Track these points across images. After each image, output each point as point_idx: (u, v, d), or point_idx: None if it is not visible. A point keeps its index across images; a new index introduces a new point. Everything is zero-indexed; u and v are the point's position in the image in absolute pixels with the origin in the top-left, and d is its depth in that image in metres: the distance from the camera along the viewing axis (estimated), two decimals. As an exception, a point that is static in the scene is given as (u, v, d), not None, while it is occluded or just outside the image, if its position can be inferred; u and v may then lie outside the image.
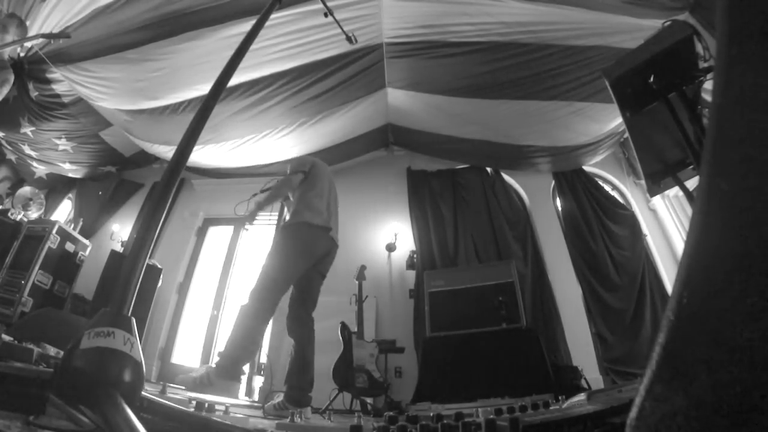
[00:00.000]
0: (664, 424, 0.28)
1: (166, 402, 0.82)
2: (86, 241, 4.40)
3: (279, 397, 2.06)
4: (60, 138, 4.59)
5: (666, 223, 4.55)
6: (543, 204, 4.71)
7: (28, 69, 3.79)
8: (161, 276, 4.08)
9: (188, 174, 5.27)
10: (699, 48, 1.71)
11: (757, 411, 0.25)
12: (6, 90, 3.56)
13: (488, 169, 4.87)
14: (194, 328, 4.47)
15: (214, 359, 2.00)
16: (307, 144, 4.61)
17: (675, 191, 3.26)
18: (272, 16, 1.56)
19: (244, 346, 1.92)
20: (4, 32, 3.16)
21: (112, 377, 0.70)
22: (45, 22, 3.34)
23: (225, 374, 1.86)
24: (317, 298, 2.35)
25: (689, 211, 3.90)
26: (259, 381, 3.80)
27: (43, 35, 3.07)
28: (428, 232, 4.46)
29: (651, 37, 1.86)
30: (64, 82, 3.86)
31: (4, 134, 4.54)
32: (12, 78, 3.59)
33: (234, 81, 3.03)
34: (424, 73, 3.77)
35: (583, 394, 1.66)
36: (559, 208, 4.67)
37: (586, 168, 4.83)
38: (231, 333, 1.96)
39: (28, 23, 3.36)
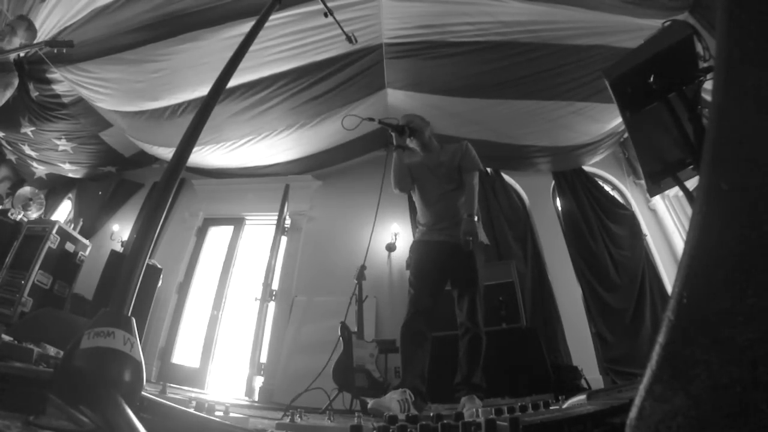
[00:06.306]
0: (664, 424, 0.28)
1: (166, 402, 0.82)
2: (86, 241, 4.40)
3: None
4: (60, 139, 4.59)
5: (666, 223, 4.55)
6: (543, 204, 4.71)
7: (29, 69, 3.78)
8: (161, 276, 4.07)
9: (188, 174, 5.27)
10: (699, 48, 1.71)
11: (757, 411, 0.25)
12: (9, 93, 3.55)
13: (488, 169, 4.87)
14: (194, 328, 4.47)
15: (468, 391, 1.98)
16: (308, 145, 4.61)
17: (675, 191, 3.26)
18: (272, 17, 1.55)
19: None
20: (13, 35, 3.10)
21: (112, 377, 0.70)
22: (45, 22, 3.33)
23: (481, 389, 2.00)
24: None
25: (689, 211, 3.90)
26: (259, 381, 3.80)
27: (47, 43, 2.99)
28: (428, 232, 4.45)
29: (651, 37, 1.86)
30: (64, 82, 3.86)
31: (4, 134, 4.54)
32: (16, 82, 3.58)
33: (233, 82, 3.03)
34: (423, 73, 3.77)
35: (583, 394, 1.66)
36: (559, 208, 4.67)
37: (586, 168, 4.83)
38: (472, 357, 2.05)
39: (27, 24, 3.36)
